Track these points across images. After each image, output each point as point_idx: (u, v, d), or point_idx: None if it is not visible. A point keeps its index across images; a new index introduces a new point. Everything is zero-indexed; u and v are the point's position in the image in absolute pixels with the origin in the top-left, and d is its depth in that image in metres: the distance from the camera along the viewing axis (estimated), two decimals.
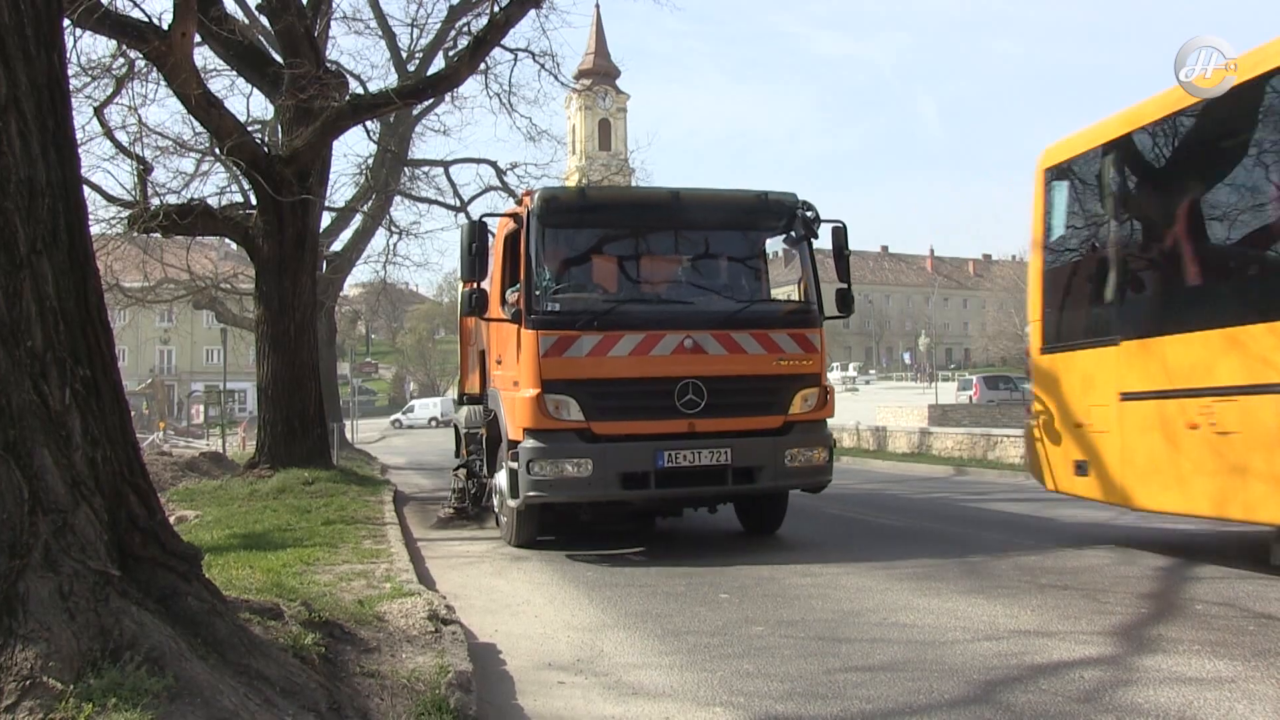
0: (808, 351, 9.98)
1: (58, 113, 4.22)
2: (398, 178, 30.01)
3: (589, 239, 10.42)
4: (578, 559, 9.51)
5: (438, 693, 4.62)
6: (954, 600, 7.36)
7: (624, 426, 9.32)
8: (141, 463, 4.45)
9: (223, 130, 16.19)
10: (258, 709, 3.75)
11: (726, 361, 9.61)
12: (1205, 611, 6.84)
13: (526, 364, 9.33)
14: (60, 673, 3.46)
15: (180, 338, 67.07)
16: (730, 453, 9.45)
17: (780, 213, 10.33)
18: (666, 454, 9.27)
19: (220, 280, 32.15)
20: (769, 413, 9.77)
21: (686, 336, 9.49)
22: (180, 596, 4.10)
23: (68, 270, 4.10)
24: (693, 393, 9.38)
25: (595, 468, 9.12)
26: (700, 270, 10.66)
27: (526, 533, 10.14)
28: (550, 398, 9.17)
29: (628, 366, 9.35)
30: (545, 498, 9.30)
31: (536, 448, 9.16)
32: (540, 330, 9.30)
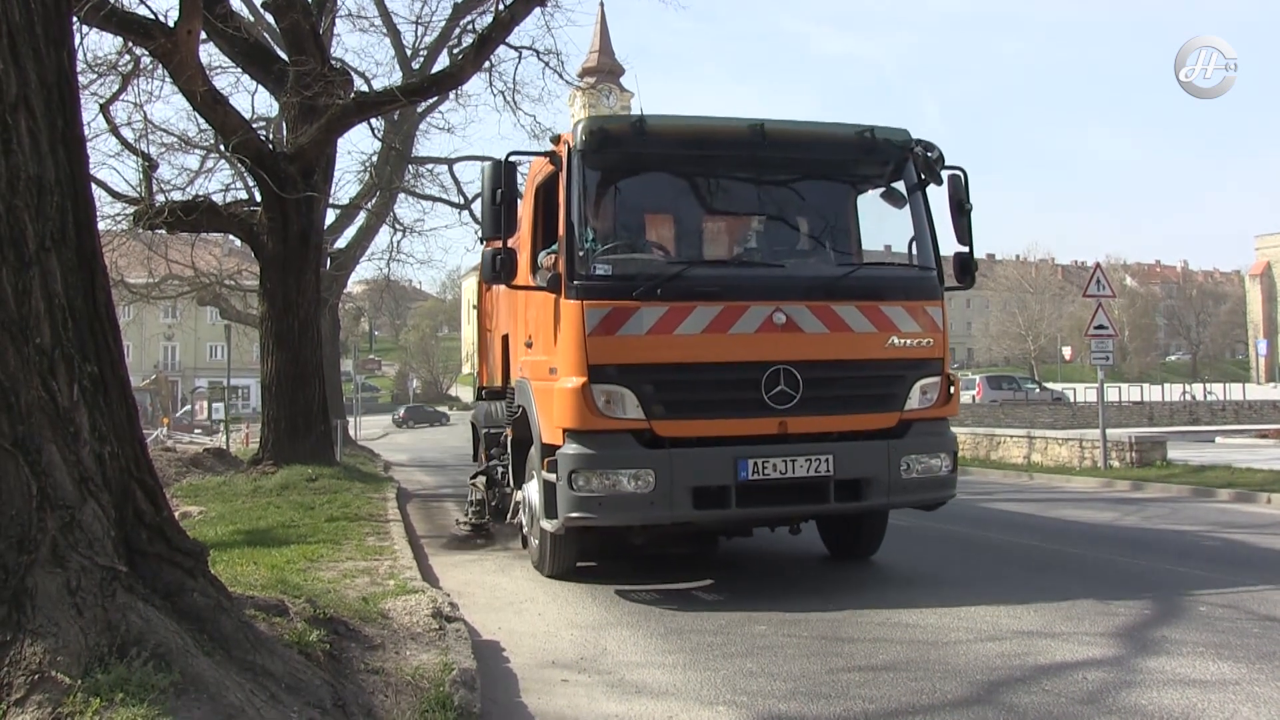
0: (928, 330, 7.90)
1: (66, 111, 4.24)
2: (402, 175, 30.06)
3: (648, 184, 8.27)
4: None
5: (442, 690, 4.65)
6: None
7: (696, 427, 7.39)
8: (148, 459, 4.47)
9: (228, 127, 16.20)
10: (263, 705, 3.77)
11: (827, 342, 7.57)
12: (1209, 614, 6.85)
13: (568, 345, 7.29)
14: (68, 667, 3.49)
15: (184, 334, 67.21)
16: (832, 460, 7.44)
17: (889, 154, 8.15)
18: (751, 463, 7.27)
19: (224, 277, 32.20)
20: (880, 409, 7.76)
21: (776, 309, 7.42)
22: (186, 592, 4.12)
23: (75, 267, 4.11)
24: (785, 382, 7.39)
25: (659, 481, 7.09)
26: (790, 224, 8.58)
27: (563, 561, 8.27)
28: (599, 389, 7.14)
29: (701, 347, 7.34)
30: (593, 520, 7.24)
31: (581, 455, 7.14)
32: (586, 300, 7.20)
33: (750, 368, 7.39)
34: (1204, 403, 51.88)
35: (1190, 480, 15.97)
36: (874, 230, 8.73)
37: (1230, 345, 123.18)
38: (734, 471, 7.25)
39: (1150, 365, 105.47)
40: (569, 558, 8.31)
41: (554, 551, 8.20)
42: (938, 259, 8.17)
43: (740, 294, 7.51)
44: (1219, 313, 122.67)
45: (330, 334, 29.34)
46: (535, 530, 8.43)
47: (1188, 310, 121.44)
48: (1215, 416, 47.14)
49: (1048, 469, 19.44)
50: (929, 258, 8.14)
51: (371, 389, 77.59)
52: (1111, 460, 18.76)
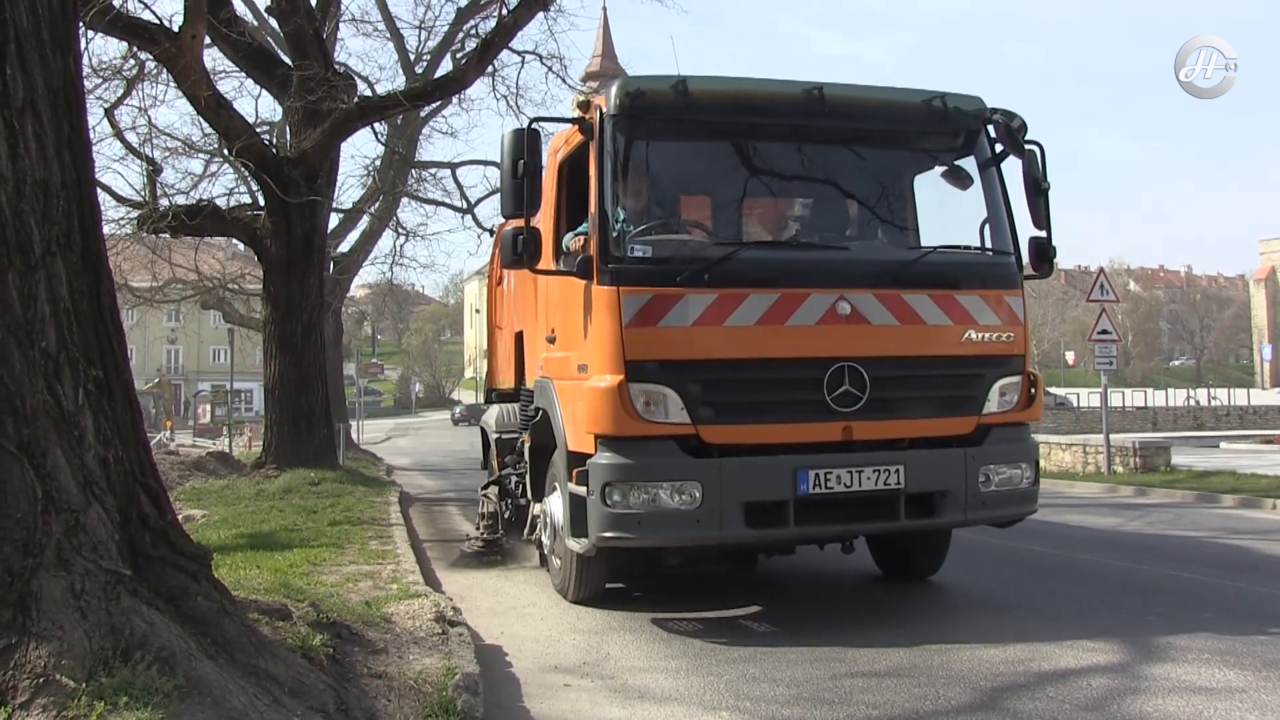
0: (1008, 323, 7.09)
1: (73, 115, 4.25)
2: (405, 179, 30.11)
3: (690, 154, 7.42)
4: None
5: (445, 694, 4.64)
6: None
7: (750, 432, 6.52)
8: (152, 462, 4.48)
9: (231, 131, 16.24)
10: (266, 709, 3.78)
11: (897, 335, 6.77)
12: (1215, 620, 6.84)
13: (601, 338, 6.46)
14: (73, 671, 3.49)
15: (187, 337, 67.14)
16: (903, 471, 6.59)
17: (961, 124, 7.30)
18: (812, 474, 6.43)
19: (228, 281, 32.23)
20: (956, 412, 6.95)
21: (840, 298, 6.60)
22: (190, 596, 4.12)
23: (81, 271, 4.13)
24: (850, 381, 6.56)
25: (706, 496, 6.26)
26: (849, 201, 7.64)
27: (592, 584, 7.38)
28: (638, 388, 6.30)
29: (755, 341, 6.50)
30: (630, 540, 6.40)
31: (617, 465, 6.30)
32: (623, 286, 6.39)
33: (811, 365, 6.57)
34: (1208, 408, 51.80)
35: (1194, 486, 15.96)
36: (928, 216, 7.80)
37: (1234, 350, 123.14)
38: (793, 484, 6.41)
39: (1154, 370, 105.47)
40: (597, 581, 7.41)
41: (580, 574, 7.29)
42: (1016, 243, 7.30)
43: (799, 280, 6.66)
44: (1223, 317, 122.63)
45: (333, 337, 29.36)
46: (559, 549, 7.51)
47: (1191, 315, 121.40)
48: (1219, 422, 47.09)
49: (1051, 474, 19.37)
50: (1006, 241, 7.27)
51: (374, 393, 77.68)
52: (1115, 465, 18.76)
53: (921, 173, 7.73)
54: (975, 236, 7.32)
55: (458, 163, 30.98)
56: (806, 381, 6.58)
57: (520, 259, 6.72)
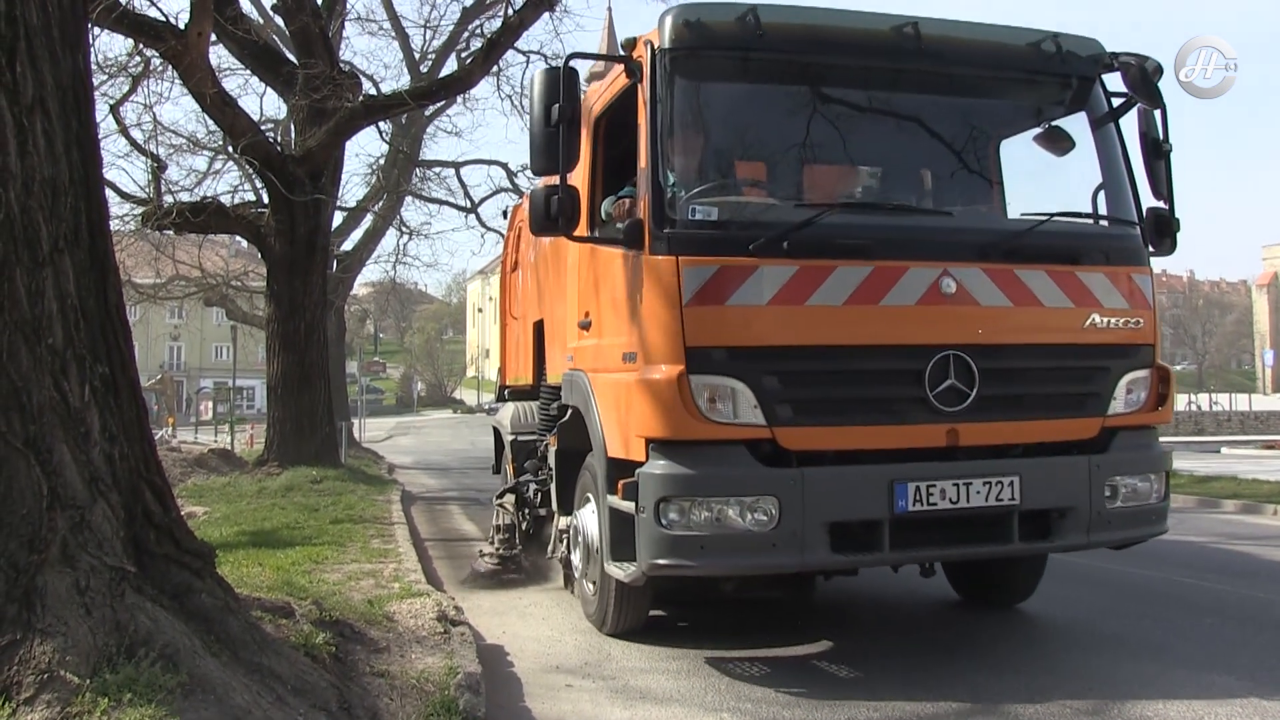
0: (1136, 306, 6.00)
1: (81, 113, 4.27)
2: (409, 178, 30.13)
3: (760, 99, 6.16)
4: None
5: (447, 694, 4.66)
6: None
7: (836, 436, 5.44)
8: (157, 459, 4.50)
9: (236, 129, 16.28)
10: (270, 706, 3.79)
11: (1011, 319, 5.71)
12: (1216, 626, 6.85)
13: (655, 319, 5.39)
14: (77, 667, 3.51)
15: (190, 334, 67.33)
16: (1018, 484, 5.53)
17: (1074, 71, 6.21)
18: (913, 488, 5.37)
19: (231, 278, 32.26)
20: (1078, 412, 5.89)
21: (943, 273, 5.52)
22: (194, 593, 4.14)
23: (88, 268, 4.14)
24: (956, 374, 5.48)
25: (785, 514, 5.17)
26: (946, 160, 6.41)
27: (633, 614, 6.32)
28: (702, 381, 5.22)
29: (843, 324, 5.43)
30: (691, 569, 5.34)
31: (676, 476, 5.23)
32: (683, 256, 5.32)
33: (910, 354, 5.50)
34: (1209, 413, 51.78)
35: (1195, 491, 15.94)
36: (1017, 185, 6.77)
37: (1236, 355, 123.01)
38: (889, 500, 5.33)
39: None
40: (640, 611, 6.34)
41: (621, 603, 6.22)
42: (1139, 212, 6.21)
43: (896, 250, 5.58)
44: (1225, 323, 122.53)
45: (336, 335, 29.40)
46: (592, 573, 6.42)
47: (1194, 320, 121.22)
48: (1221, 427, 47.06)
49: None
50: (1129, 209, 6.18)
51: (376, 391, 77.72)
52: None
53: (1021, 130, 6.62)
54: (1093, 202, 6.23)
55: (462, 162, 31.02)
56: (904, 374, 5.51)
57: (554, 223, 5.63)
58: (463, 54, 25.58)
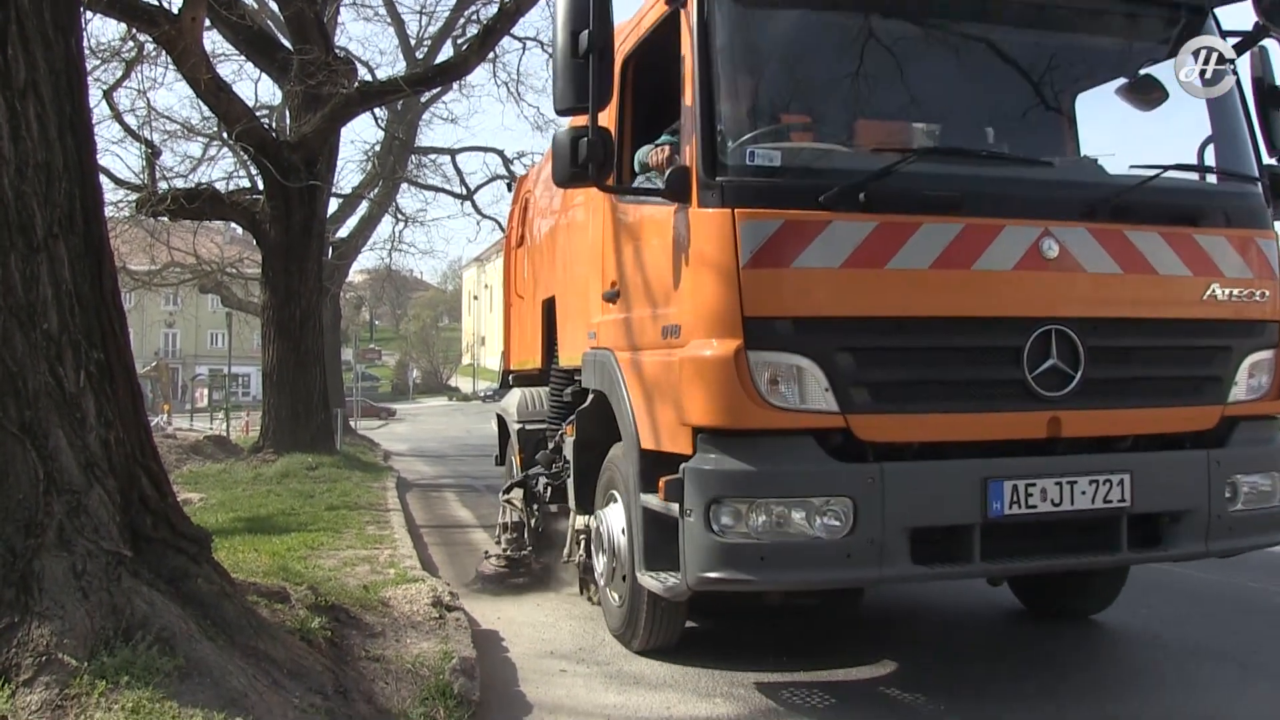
0: (1260, 275, 5.15)
1: (75, 98, 4.26)
2: (404, 165, 30.12)
3: (829, 29, 5.22)
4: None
5: (442, 678, 4.68)
6: None
7: (922, 426, 4.63)
8: (153, 445, 4.51)
9: (231, 115, 16.23)
10: (266, 690, 3.81)
11: (1121, 288, 4.88)
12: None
13: (706, 284, 4.60)
14: (74, 650, 3.54)
15: (185, 321, 67.08)
16: (1128, 483, 4.74)
17: (1185, 1, 5.34)
18: (1009, 487, 4.58)
19: (226, 265, 32.22)
20: (1196, 399, 5.07)
21: (1044, 233, 4.71)
22: (190, 578, 4.16)
23: (83, 254, 4.14)
24: (1058, 352, 4.69)
25: (862, 517, 4.40)
26: (1038, 107, 5.55)
27: (668, 629, 5.56)
28: (763, 359, 4.44)
29: (930, 292, 4.61)
30: (749, 583, 4.54)
31: (732, 473, 4.46)
32: (739, 209, 4.50)
33: (1007, 328, 4.69)
34: None
35: None
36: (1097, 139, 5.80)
37: None
38: (981, 501, 4.54)
39: None
40: (675, 625, 5.58)
41: (653, 617, 5.45)
42: (1260, 167, 5.32)
43: (990, 206, 4.75)
44: None
45: (331, 323, 29.37)
46: (618, 583, 5.73)
47: None
48: None
49: None
50: (1249, 164, 5.29)
51: (371, 378, 77.71)
52: None
53: (1113, 76, 5.71)
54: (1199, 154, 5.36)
55: (458, 149, 31.07)
56: (1000, 352, 4.71)
57: (583, 170, 4.79)
58: (459, 40, 25.58)
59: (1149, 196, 4.98)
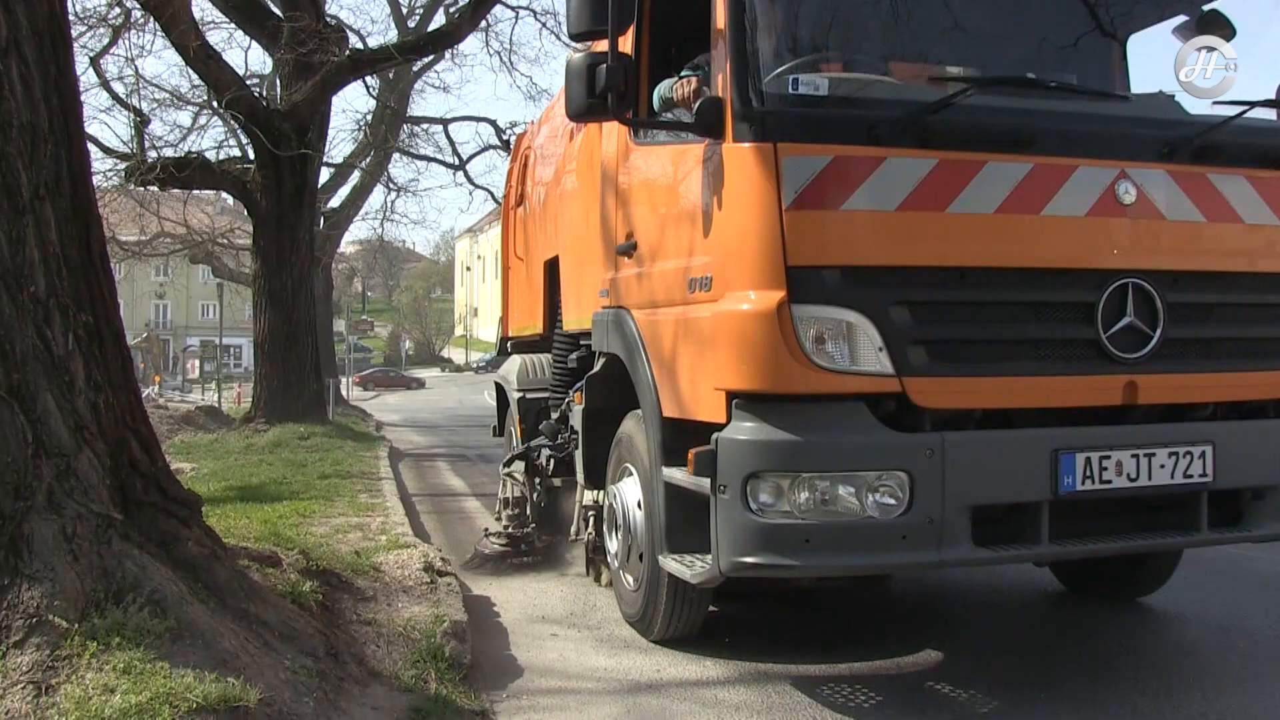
0: None
1: (59, 58, 4.22)
2: (397, 134, 29.97)
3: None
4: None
5: (433, 641, 4.70)
6: None
7: (986, 391, 4.17)
8: (143, 409, 4.50)
9: (221, 83, 16.14)
10: (257, 652, 3.83)
11: (1204, 238, 4.45)
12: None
13: (742, 230, 4.13)
14: (65, 612, 3.54)
15: (176, 292, 66.94)
16: (1210, 456, 4.29)
17: None
18: (1082, 460, 4.13)
19: (217, 235, 32.07)
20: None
21: (1120, 174, 4.23)
22: (181, 542, 4.16)
23: (70, 217, 4.11)
24: (1136, 310, 4.24)
25: (919, 494, 3.95)
26: (1102, 47, 5.18)
27: (689, 617, 5.10)
28: (809, 314, 3.97)
29: (996, 239, 4.16)
30: (792, 568, 4.10)
31: (771, 444, 3.99)
32: (783, 143, 4.03)
33: (1080, 281, 4.22)
34: None
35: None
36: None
37: None
38: (1052, 476, 4.09)
39: None
40: (698, 611, 5.11)
41: (674, 603, 4.99)
42: None
43: (1061, 143, 4.26)
44: None
45: (323, 293, 29.34)
46: (634, 565, 5.27)
47: None
48: None
49: None
50: None
51: (364, 350, 77.65)
52: None
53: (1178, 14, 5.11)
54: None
55: (450, 119, 31.01)
56: (1071, 308, 4.25)
57: (601, 102, 4.34)
58: (450, 9, 25.39)
59: (1234, 137, 4.50)
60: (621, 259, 5.35)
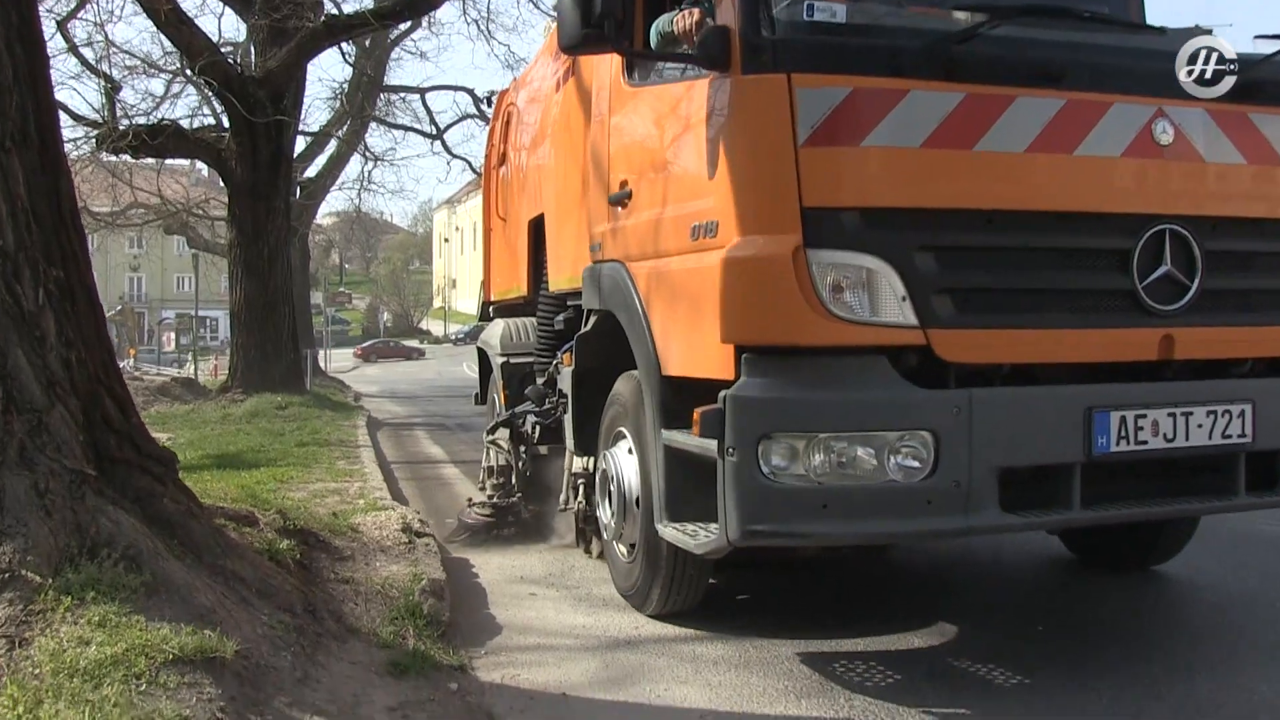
0: None
1: (21, 7, 4.12)
2: (373, 103, 29.74)
3: None
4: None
5: (411, 599, 4.70)
6: None
7: (1016, 344, 3.91)
8: (117, 367, 4.46)
9: (193, 49, 15.95)
10: (234, 607, 3.82)
11: (1246, 183, 4.23)
12: None
13: (752, 168, 3.88)
14: (38, 567, 3.51)
15: (150, 264, 66.26)
16: (1250, 416, 4.08)
17: None
18: (1117, 419, 3.89)
19: (192, 205, 31.77)
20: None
21: (1157, 113, 3.99)
22: (156, 499, 4.13)
23: (39, 169, 4.04)
24: (1173, 258, 4.01)
25: (945, 455, 3.69)
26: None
27: (688, 591, 4.80)
28: (826, 259, 3.71)
29: (1026, 180, 3.91)
30: (808, 536, 3.97)
31: (785, 402, 3.75)
32: (797, 74, 3.75)
33: (1115, 226, 3.98)
34: None
35: None
36: None
37: None
38: (1085, 435, 3.84)
39: None
40: (699, 584, 4.82)
41: (674, 576, 4.70)
42: None
43: (1095, 78, 4.00)
44: None
45: (300, 264, 29.13)
46: (630, 535, 4.96)
47: None
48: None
49: None
50: None
51: (342, 322, 77.29)
52: None
53: None
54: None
55: (427, 87, 30.74)
56: (1105, 256, 4.02)
57: (598, 31, 4.02)
58: None
59: (1277, 74, 4.25)
60: (614, 209, 5.04)
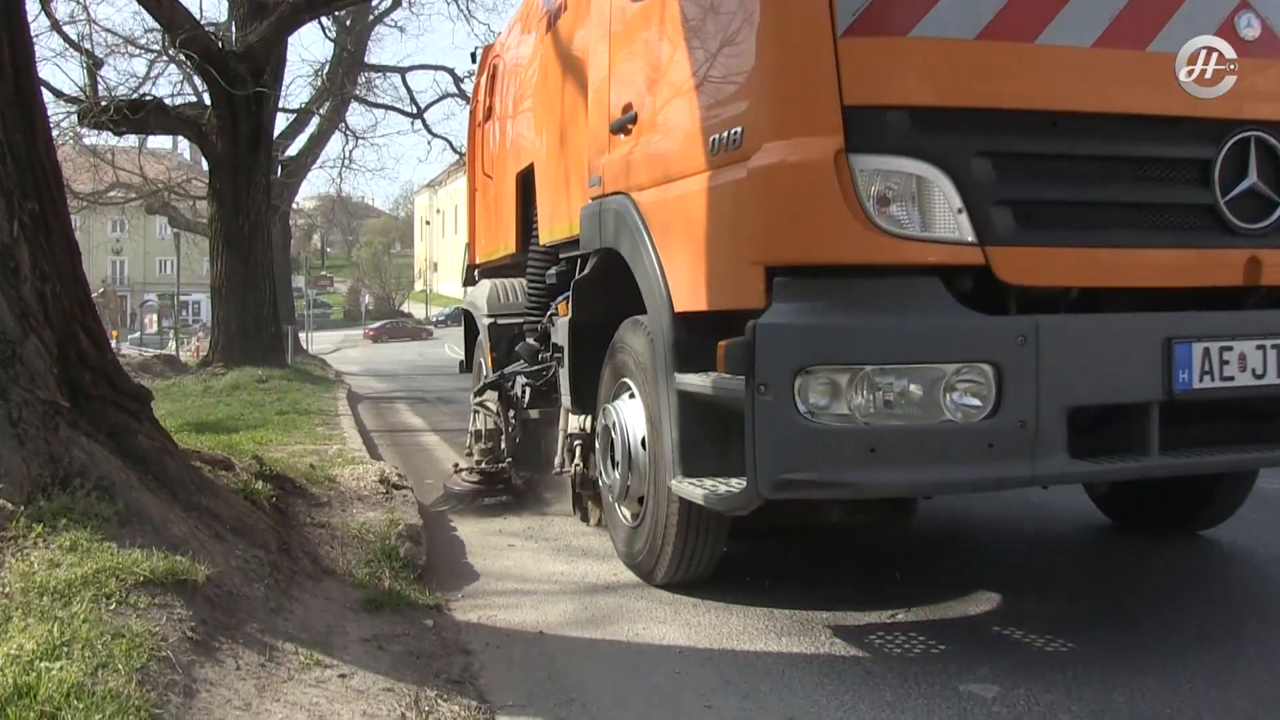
0: None
1: None
2: (354, 80, 29.63)
3: None
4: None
5: (388, 543, 4.70)
6: None
7: (1085, 264, 3.38)
8: (92, 305, 4.45)
9: (174, 23, 15.84)
10: (208, 540, 3.82)
11: None
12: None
13: (783, 63, 3.39)
14: (10, 495, 3.50)
15: (133, 246, 65.86)
16: None
17: None
18: (1200, 352, 3.36)
19: (174, 184, 31.56)
20: None
21: (1241, 4, 3.47)
22: (131, 434, 4.13)
23: (14, 103, 4.02)
24: (1260, 170, 3.50)
25: (1008, 392, 3.14)
26: None
27: (703, 555, 4.22)
28: (871, 165, 3.21)
29: (1094, 79, 3.38)
30: (851, 486, 3.28)
31: (825, 329, 3.21)
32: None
33: (1193, 132, 3.48)
34: None
35: None
36: None
37: None
38: (1165, 370, 3.32)
39: None
40: (714, 550, 4.25)
41: (687, 539, 4.14)
42: None
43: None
44: None
45: (281, 243, 29.03)
46: (636, 494, 4.47)
47: None
48: None
49: None
50: None
51: (324, 305, 76.95)
52: None
53: None
54: None
55: (407, 67, 30.70)
56: (1183, 166, 3.52)
57: None
58: None
59: None
60: (616, 138, 4.58)
